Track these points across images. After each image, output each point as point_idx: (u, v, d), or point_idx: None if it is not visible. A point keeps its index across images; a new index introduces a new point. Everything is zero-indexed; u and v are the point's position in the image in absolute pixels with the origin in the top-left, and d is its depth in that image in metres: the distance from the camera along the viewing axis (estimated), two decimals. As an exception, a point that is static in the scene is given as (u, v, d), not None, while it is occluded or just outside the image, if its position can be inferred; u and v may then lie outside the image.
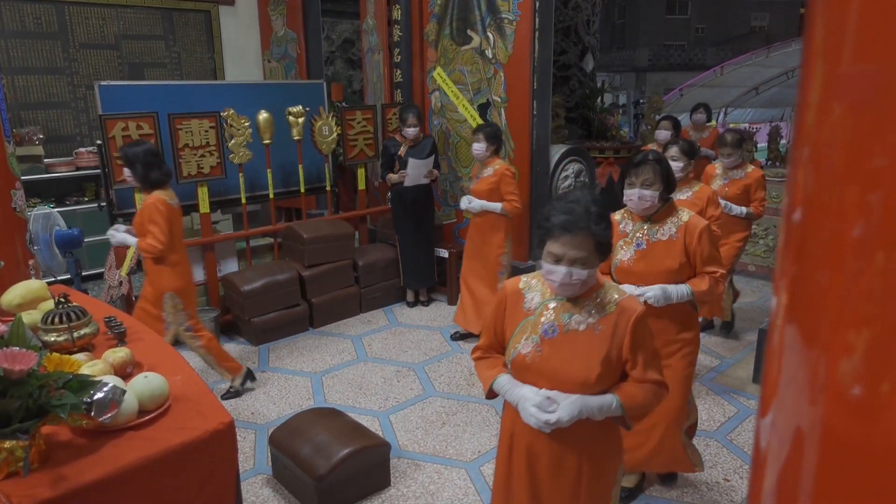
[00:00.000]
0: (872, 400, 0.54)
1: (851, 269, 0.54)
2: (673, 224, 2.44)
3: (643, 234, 2.47)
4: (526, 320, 1.78)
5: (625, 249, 2.50)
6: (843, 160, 0.55)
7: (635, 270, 2.46)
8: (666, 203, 2.45)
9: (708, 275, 2.43)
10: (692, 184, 3.56)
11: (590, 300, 1.73)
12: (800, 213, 0.60)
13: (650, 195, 2.41)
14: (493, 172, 4.26)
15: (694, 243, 2.40)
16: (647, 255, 2.45)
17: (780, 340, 0.63)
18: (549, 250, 1.65)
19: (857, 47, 0.53)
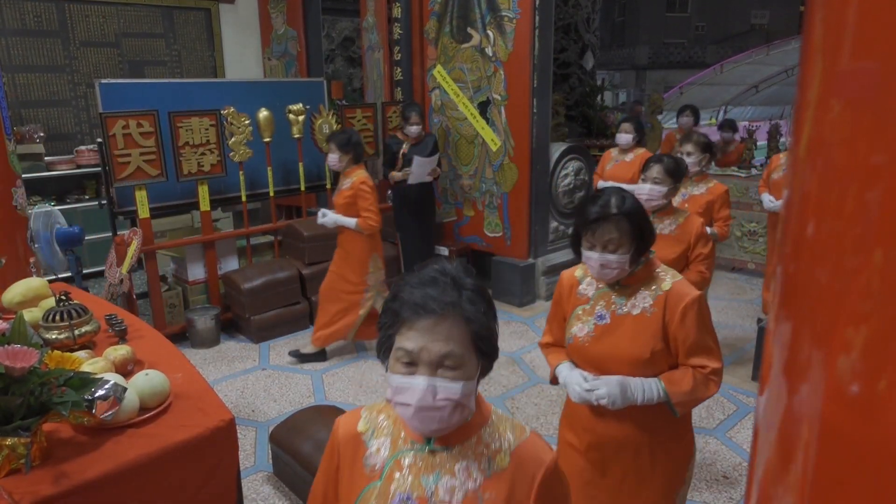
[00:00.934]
0: (871, 397, 0.54)
1: (850, 267, 0.55)
2: (649, 293, 1.73)
3: (607, 303, 1.78)
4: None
5: (582, 322, 1.80)
6: (841, 157, 0.55)
7: (592, 353, 1.77)
8: (640, 264, 1.75)
9: (694, 369, 1.71)
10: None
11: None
12: (798, 210, 0.60)
13: (617, 260, 1.69)
14: (349, 185, 3.90)
15: (675, 322, 1.69)
16: (610, 334, 1.75)
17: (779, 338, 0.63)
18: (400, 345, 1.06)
19: (856, 44, 0.53)
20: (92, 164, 5.92)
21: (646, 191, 2.72)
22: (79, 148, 6.07)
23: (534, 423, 3.46)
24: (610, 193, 1.73)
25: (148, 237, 4.33)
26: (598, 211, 1.70)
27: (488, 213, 5.47)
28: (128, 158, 4.14)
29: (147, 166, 4.22)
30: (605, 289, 1.81)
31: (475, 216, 5.57)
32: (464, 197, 5.63)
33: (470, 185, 5.54)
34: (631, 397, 1.68)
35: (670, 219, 2.81)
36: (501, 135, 5.18)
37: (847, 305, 0.55)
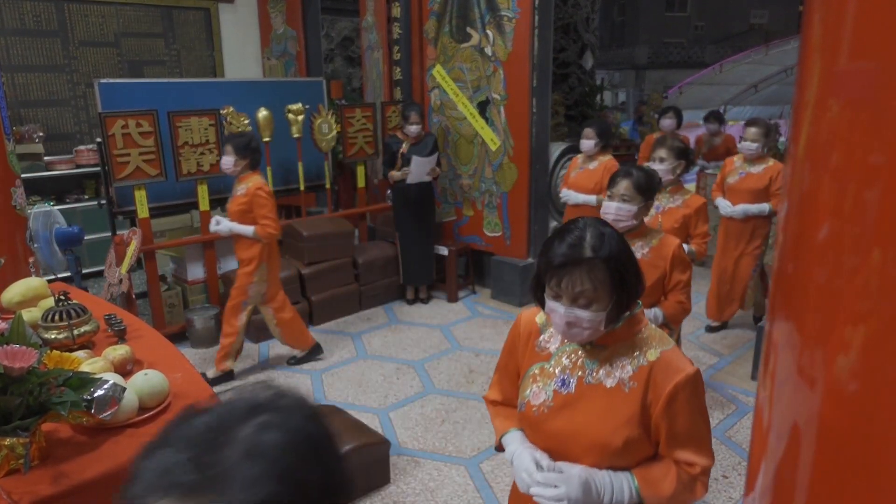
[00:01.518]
0: (868, 395, 0.54)
1: (848, 266, 0.55)
2: (630, 361, 1.34)
3: (574, 365, 1.39)
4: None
5: (538, 385, 1.41)
6: (839, 157, 0.55)
7: (549, 429, 1.38)
8: (621, 321, 1.34)
9: (678, 466, 1.33)
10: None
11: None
12: (796, 209, 0.60)
13: (589, 319, 1.28)
14: (244, 191, 3.67)
15: (660, 407, 1.29)
16: (574, 408, 1.36)
17: (778, 337, 0.64)
18: None
19: (854, 45, 0.53)
20: (91, 164, 5.92)
21: (612, 210, 2.36)
22: (78, 148, 6.07)
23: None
24: (584, 228, 1.30)
25: (147, 237, 4.32)
26: (566, 253, 1.26)
27: (488, 213, 5.47)
28: (127, 158, 4.14)
29: (146, 166, 4.22)
30: (574, 345, 1.39)
31: (475, 216, 5.57)
32: (463, 196, 5.63)
33: (469, 185, 5.54)
34: (595, 499, 1.29)
35: (642, 241, 2.42)
36: (501, 134, 5.18)
37: (845, 305, 0.55)
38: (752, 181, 4.17)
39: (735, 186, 4.26)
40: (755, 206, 4.13)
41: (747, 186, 4.19)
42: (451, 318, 5.04)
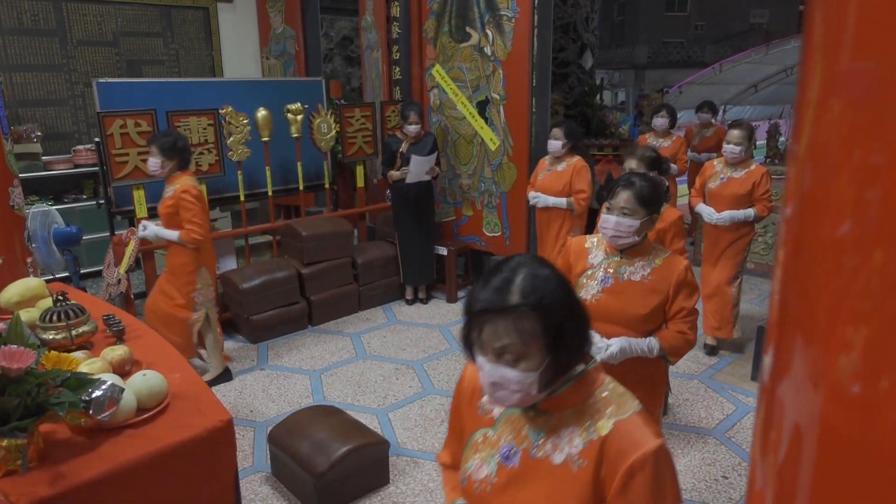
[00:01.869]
0: (871, 397, 0.54)
1: (849, 266, 0.54)
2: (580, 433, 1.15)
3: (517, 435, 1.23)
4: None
5: (481, 456, 1.26)
6: (841, 157, 0.54)
7: None
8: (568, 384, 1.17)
9: None
10: None
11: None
12: (798, 209, 0.60)
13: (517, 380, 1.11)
14: (171, 194, 3.54)
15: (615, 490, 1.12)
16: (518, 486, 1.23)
17: (779, 338, 0.63)
18: None
19: (857, 44, 0.53)
20: (90, 164, 5.92)
21: (611, 225, 2.07)
22: (76, 147, 6.06)
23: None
24: (516, 269, 1.09)
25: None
26: (489, 299, 1.06)
27: (487, 213, 5.46)
28: (125, 158, 4.13)
29: (145, 166, 4.20)
30: (518, 410, 1.19)
31: (474, 216, 5.57)
32: (463, 196, 5.63)
33: (469, 185, 5.54)
34: None
35: (643, 260, 2.11)
36: (500, 134, 5.17)
37: (847, 305, 0.54)
38: (735, 186, 3.95)
39: (717, 192, 4.03)
40: (741, 211, 3.92)
41: (730, 192, 3.96)
42: (450, 319, 5.03)
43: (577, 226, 4.37)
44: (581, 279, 2.15)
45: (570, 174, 4.29)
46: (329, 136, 5.23)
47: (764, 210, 3.92)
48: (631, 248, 2.11)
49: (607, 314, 2.06)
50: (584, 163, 4.35)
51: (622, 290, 2.07)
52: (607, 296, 2.09)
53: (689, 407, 3.63)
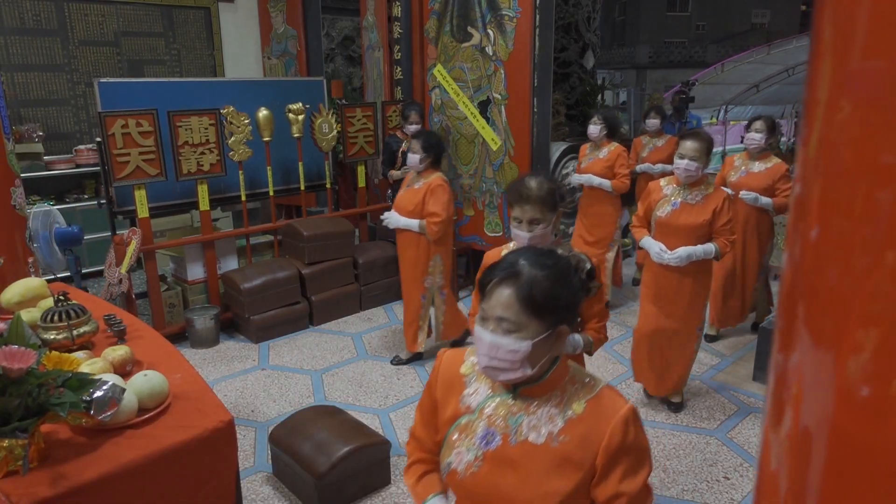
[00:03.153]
0: (881, 399, 0.53)
1: (860, 268, 0.54)
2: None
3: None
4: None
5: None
6: (852, 157, 0.54)
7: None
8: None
9: None
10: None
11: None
12: (807, 210, 0.59)
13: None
14: None
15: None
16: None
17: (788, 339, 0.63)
18: None
19: (867, 43, 0.52)
20: (91, 164, 5.91)
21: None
22: (78, 147, 6.06)
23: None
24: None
25: (147, 237, 4.32)
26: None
27: (488, 213, 5.46)
28: (127, 158, 4.13)
29: (146, 166, 4.21)
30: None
31: (475, 216, 5.56)
32: (464, 196, 5.62)
33: (470, 185, 5.53)
34: None
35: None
36: (502, 134, 5.17)
37: (857, 307, 0.54)
38: (691, 214, 3.20)
39: (667, 222, 3.24)
40: (700, 247, 3.15)
41: (685, 221, 3.21)
42: (451, 318, 5.02)
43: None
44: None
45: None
46: (330, 136, 5.22)
47: (727, 245, 3.16)
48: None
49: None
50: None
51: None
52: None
53: (690, 407, 3.62)
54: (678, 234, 3.17)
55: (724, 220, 3.14)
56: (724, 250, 3.17)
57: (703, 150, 3.15)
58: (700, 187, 3.21)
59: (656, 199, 3.28)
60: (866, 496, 0.55)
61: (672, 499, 2.83)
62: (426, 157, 3.80)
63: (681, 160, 3.16)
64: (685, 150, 3.15)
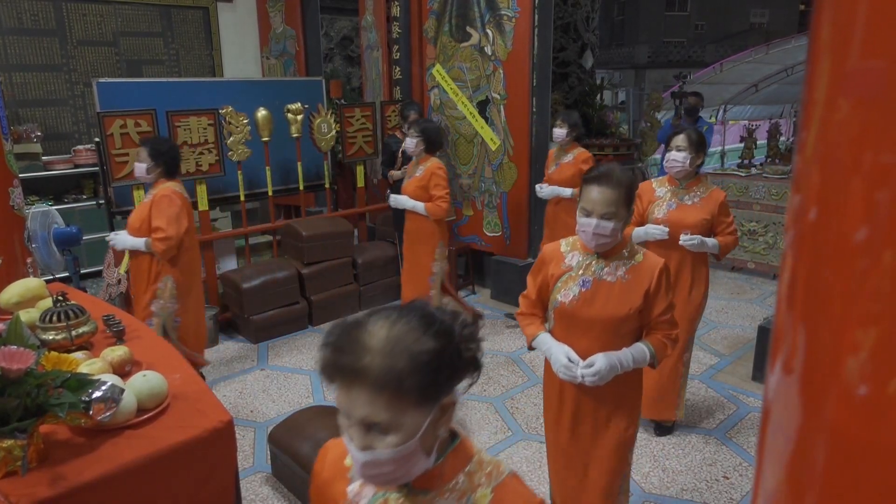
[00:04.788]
0: (879, 399, 0.53)
1: (859, 268, 0.54)
2: None
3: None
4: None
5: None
6: (850, 157, 0.54)
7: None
8: None
9: None
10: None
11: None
12: (806, 210, 0.59)
13: None
14: None
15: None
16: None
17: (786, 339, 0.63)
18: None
19: (866, 42, 0.52)
20: (90, 164, 5.91)
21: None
22: (76, 147, 6.05)
23: (534, 423, 3.45)
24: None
25: (146, 237, 4.31)
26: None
27: (487, 213, 5.46)
28: (125, 158, 4.12)
29: (145, 166, 4.20)
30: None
31: (474, 216, 5.56)
32: (463, 196, 5.62)
33: (469, 185, 5.53)
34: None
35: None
36: (500, 134, 5.17)
37: (856, 307, 0.54)
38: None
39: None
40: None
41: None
42: (450, 318, 5.03)
43: None
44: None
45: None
46: (329, 135, 5.22)
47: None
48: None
49: None
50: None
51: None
52: None
53: (689, 407, 3.62)
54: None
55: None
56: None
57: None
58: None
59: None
60: (865, 496, 0.55)
61: (671, 498, 2.84)
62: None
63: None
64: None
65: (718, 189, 3.12)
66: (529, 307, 2.15)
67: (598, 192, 1.90)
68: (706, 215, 3.03)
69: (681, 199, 3.09)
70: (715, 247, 3.02)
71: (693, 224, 3.01)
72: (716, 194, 3.07)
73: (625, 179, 1.92)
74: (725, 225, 3.06)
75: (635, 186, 1.96)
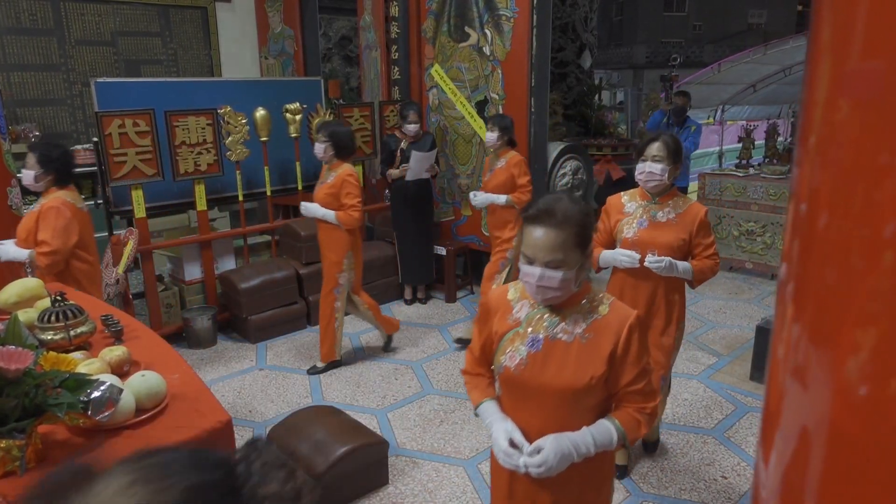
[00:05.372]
0: (879, 399, 0.53)
1: (858, 268, 0.54)
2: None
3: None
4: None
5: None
6: (850, 157, 0.54)
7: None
8: None
9: None
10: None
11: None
12: (805, 210, 0.60)
13: None
14: None
15: None
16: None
17: (786, 339, 0.63)
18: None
19: (867, 43, 0.52)
20: (88, 164, 5.89)
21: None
22: (74, 147, 6.03)
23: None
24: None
25: (144, 237, 4.31)
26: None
27: (486, 213, 5.45)
28: (124, 158, 4.12)
29: (143, 166, 4.20)
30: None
31: (473, 215, 5.56)
32: (461, 196, 5.62)
33: (467, 185, 5.53)
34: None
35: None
36: (499, 134, 5.16)
37: (855, 307, 0.54)
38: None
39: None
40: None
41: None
42: (449, 319, 5.03)
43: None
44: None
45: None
46: (328, 135, 5.21)
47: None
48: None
49: None
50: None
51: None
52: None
53: (688, 407, 3.63)
54: None
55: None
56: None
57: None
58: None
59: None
60: (865, 496, 0.55)
61: (670, 498, 2.84)
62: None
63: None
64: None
65: (698, 203, 2.66)
66: (474, 365, 1.76)
67: (541, 233, 1.48)
68: (683, 234, 2.58)
69: (653, 216, 2.63)
70: (687, 272, 2.57)
71: (666, 245, 2.57)
72: (695, 210, 2.61)
73: (574, 216, 1.49)
74: (704, 247, 2.60)
75: (590, 222, 1.54)
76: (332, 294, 4.00)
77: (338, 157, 3.82)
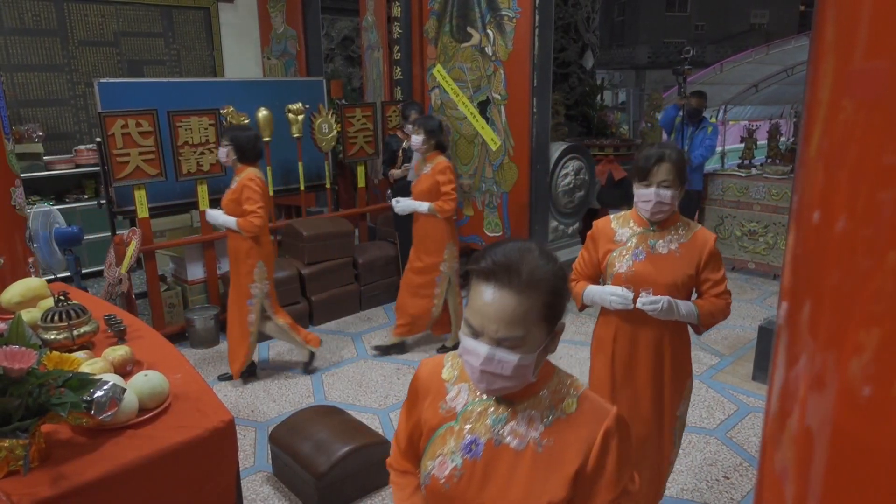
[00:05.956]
0: (883, 400, 0.53)
1: (862, 268, 0.54)
2: None
3: None
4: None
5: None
6: (853, 157, 0.54)
7: None
8: None
9: None
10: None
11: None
12: (809, 210, 0.59)
13: None
14: None
15: None
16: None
17: (790, 339, 0.63)
18: None
19: (870, 43, 0.52)
20: (91, 164, 5.91)
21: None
22: (78, 147, 6.06)
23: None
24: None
25: (147, 237, 4.32)
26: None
27: (488, 213, 5.46)
28: (127, 158, 4.13)
29: (146, 166, 4.21)
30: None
31: (475, 216, 5.56)
32: (463, 196, 5.62)
33: (469, 185, 5.53)
34: None
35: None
36: (501, 134, 5.17)
37: (859, 307, 0.54)
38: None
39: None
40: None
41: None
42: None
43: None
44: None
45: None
46: (330, 136, 5.22)
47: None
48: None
49: None
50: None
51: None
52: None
53: (690, 407, 3.62)
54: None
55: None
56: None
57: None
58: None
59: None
60: (868, 496, 0.55)
61: (672, 498, 2.83)
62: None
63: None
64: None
65: (705, 230, 2.14)
66: (399, 459, 1.39)
67: (495, 297, 1.05)
68: (689, 269, 2.09)
69: (652, 247, 2.11)
70: (691, 315, 2.07)
71: (668, 283, 2.07)
72: (702, 238, 2.10)
73: (545, 278, 1.06)
74: (712, 283, 2.09)
75: (564, 289, 1.10)
76: (245, 306, 3.74)
77: (241, 162, 3.59)
